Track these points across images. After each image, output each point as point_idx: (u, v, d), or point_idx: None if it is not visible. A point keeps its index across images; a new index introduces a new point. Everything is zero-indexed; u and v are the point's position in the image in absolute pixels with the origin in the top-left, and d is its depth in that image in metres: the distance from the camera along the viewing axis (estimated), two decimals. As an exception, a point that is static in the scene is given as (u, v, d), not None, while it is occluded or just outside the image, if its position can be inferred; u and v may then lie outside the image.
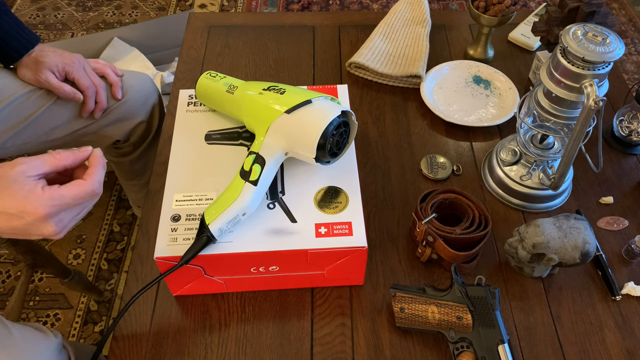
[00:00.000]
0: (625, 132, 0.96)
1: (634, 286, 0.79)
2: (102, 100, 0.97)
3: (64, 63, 0.93)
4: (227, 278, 0.74)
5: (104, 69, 0.99)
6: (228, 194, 0.69)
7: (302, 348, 0.73)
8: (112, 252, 1.48)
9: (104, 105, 0.98)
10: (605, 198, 0.90)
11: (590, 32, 0.71)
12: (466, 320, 0.69)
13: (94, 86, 0.96)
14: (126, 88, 1.02)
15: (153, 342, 0.74)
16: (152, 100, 1.08)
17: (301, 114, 0.69)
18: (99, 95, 0.97)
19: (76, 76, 0.94)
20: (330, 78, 1.09)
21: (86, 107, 0.96)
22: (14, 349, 0.75)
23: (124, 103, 1.02)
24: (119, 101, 1.01)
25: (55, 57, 0.92)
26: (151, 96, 1.08)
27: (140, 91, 1.05)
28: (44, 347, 0.79)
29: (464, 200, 0.81)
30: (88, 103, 0.96)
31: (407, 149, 0.97)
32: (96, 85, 0.96)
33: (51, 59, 0.92)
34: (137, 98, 1.04)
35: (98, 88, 0.96)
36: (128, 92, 1.02)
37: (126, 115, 1.04)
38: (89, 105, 0.97)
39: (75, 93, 0.94)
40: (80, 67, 0.94)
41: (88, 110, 0.97)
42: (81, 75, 0.94)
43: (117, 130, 1.05)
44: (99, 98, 0.97)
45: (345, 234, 0.70)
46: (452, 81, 1.08)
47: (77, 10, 2.18)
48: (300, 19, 1.22)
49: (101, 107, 0.98)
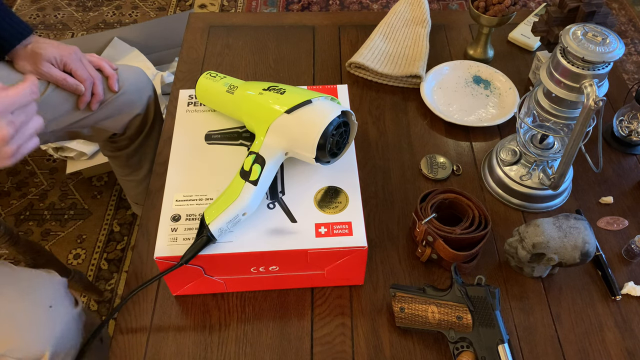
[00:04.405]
0: (625, 132, 0.96)
1: (634, 286, 0.79)
2: (99, 92, 0.98)
3: (62, 55, 0.93)
4: (227, 278, 0.74)
5: (100, 62, 1.00)
6: (228, 194, 0.69)
7: (302, 348, 0.73)
8: (112, 252, 1.48)
9: (101, 97, 0.99)
10: (605, 198, 0.90)
11: (590, 32, 0.71)
12: (466, 320, 0.69)
13: (91, 78, 0.97)
14: (122, 81, 1.02)
15: (153, 342, 0.74)
16: (148, 92, 1.09)
17: (301, 114, 0.69)
18: (96, 87, 0.98)
19: (74, 68, 0.94)
20: (330, 78, 1.09)
21: (83, 99, 0.97)
22: (20, 283, 0.80)
23: (120, 95, 1.02)
24: (116, 93, 1.01)
25: (52, 49, 0.93)
26: (146, 89, 1.09)
27: (135, 84, 1.06)
28: (50, 283, 0.82)
29: (463, 200, 0.81)
30: (85, 94, 0.97)
31: (407, 149, 0.97)
32: (93, 77, 0.97)
33: (49, 51, 0.92)
34: (133, 91, 1.05)
35: (95, 80, 0.97)
36: (124, 85, 1.03)
37: (123, 108, 1.04)
38: (86, 97, 0.97)
39: (77, 85, 0.95)
40: (78, 59, 0.95)
41: (85, 102, 0.98)
42: (78, 67, 0.95)
43: (114, 123, 1.06)
44: (95, 90, 0.98)
45: (345, 234, 0.70)
46: (452, 81, 1.08)
47: (77, 10, 2.18)
48: (300, 19, 1.22)
49: (98, 98, 0.99)
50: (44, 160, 1.66)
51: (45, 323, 0.78)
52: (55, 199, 1.58)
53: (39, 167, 1.65)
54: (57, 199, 1.58)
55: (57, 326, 0.78)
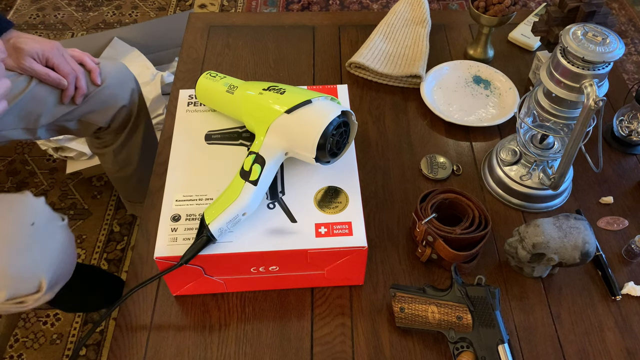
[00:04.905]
0: (625, 132, 0.96)
1: (634, 286, 0.79)
2: (82, 85, 0.99)
3: (44, 50, 0.94)
4: (227, 278, 0.74)
5: (82, 56, 1.01)
6: (228, 194, 0.69)
7: (302, 348, 0.73)
8: (112, 252, 1.48)
9: (84, 90, 1.00)
10: (605, 198, 0.90)
11: (590, 32, 0.71)
12: (466, 320, 0.69)
13: (74, 72, 0.97)
14: (104, 74, 1.03)
15: (153, 342, 0.74)
16: (131, 85, 1.10)
17: (301, 114, 0.69)
18: (79, 80, 0.98)
19: (56, 62, 0.95)
20: (330, 78, 1.09)
21: (67, 93, 0.98)
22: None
23: (103, 89, 1.03)
24: (99, 87, 1.02)
25: (34, 44, 0.93)
26: (129, 81, 1.10)
27: (117, 77, 1.07)
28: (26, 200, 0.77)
29: (463, 200, 0.81)
30: (69, 88, 0.98)
31: (407, 149, 0.97)
32: (76, 71, 0.98)
33: (31, 45, 0.92)
34: (116, 84, 1.06)
35: (78, 74, 0.98)
36: (107, 78, 1.04)
37: (107, 101, 1.05)
38: (70, 91, 0.98)
39: (60, 79, 0.95)
40: (60, 54, 0.96)
41: (69, 96, 0.98)
42: (61, 61, 0.95)
43: (100, 116, 1.07)
44: (79, 84, 0.99)
45: (345, 234, 0.70)
46: (452, 81, 1.08)
47: (77, 10, 2.18)
48: (300, 19, 1.22)
49: (82, 92, 0.99)
50: (44, 160, 1.66)
51: (31, 244, 0.72)
52: (55, 199, 1.58)
53: (39, 167, 1.65)
54: (57, 199, 1.58)
55: (46, 245, 0.73)
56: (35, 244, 0.74)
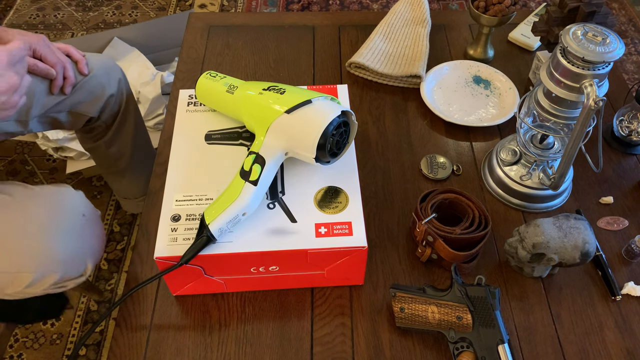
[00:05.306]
0: (625, 132, 0.96)
1: (634, 286, 0.79)
2: (70, 75, 1.01)
3: (30, 42, 0.95)
4: (227, 278, 0.74)
5: (68, 48, 1.03)
6: (228, 194, 0.69)
7: (302, 348, 0.73)
8: (112, 252, 1.48)
9: (73, 80, 1.01)
10: (605, 198, 0.90)
11: (590, 32, 0.71)
12: (466, 320, 0.69)
13: (61, 62, 0.99)
14: (91, 65, 1.06)
15: (153, 342, 0.74)
16: (117, 75, 1.12)
17: (301, 114, 0.69)
18: (67, 70, 1.00)
19: (43, 54, 0.96)
20: (330, 78, 1.09)
21: (56, 82, 0.99)
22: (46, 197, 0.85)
23: (91, 78, 1.05)
24: (86, 76, 1.04)
25: (20, 37, 0.94)
26: (115, 71, 1.12)
27: (103, 67, 1.09)
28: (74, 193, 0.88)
29: (463, 200, 0.81)
30: (57, 78, 0.99)
31: (407, 149, 0.97)
32: (63, 62, 0.99)
33: (17, 38, 0.93)
34: (102, 73, 1.08)
35: (65, 64, 1.00)
36: (93, 68, 1.06)
37: (95, 90, 1.07)
38: (59, 81, 1.00)
39: (48, 69, 0.97)
40: (46, 46, 0.97)
41: (58, 86, 1.00)
42: (47, 52, 0.97)
43: (90, 106, 1.09)
44: (67, 73, 1.00)
45: (345, 234, 0.70)
46: (452, 81, 1.08)
47: (77, 10, 2.18)
48: (300, 19, 1.22)
49: (70, 82, 1.01)
50: (44, 160, 1.66)
51: (82, 233, 0.82)
52: (55, 199, 1.58)
53: (39, 167, 1.65)
54: (57, 199, 1.58)
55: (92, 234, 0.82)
56: (85, 232, 0.85)
